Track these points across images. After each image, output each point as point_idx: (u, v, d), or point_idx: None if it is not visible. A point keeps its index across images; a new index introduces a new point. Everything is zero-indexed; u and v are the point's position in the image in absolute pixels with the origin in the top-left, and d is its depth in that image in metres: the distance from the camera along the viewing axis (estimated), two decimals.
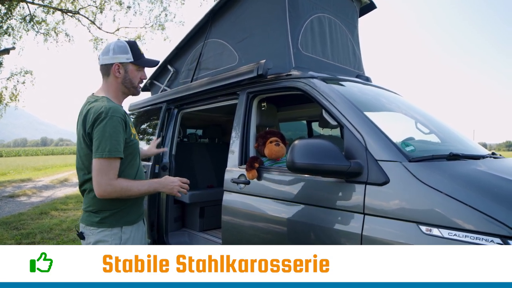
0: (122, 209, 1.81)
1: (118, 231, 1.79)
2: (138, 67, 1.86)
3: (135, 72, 1.86)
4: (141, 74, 1.91)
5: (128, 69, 1.84)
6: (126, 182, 1.74)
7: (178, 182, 1.88)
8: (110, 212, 1.79)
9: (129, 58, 1.82)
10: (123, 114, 1.76)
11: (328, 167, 1.72)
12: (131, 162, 1.86)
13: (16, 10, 12.75)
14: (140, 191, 1.77)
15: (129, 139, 1.82)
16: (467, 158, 1.90)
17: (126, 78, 1.85)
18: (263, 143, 2.56)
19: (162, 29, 15.37)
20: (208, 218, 3.97)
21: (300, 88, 2.28)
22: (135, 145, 1.88)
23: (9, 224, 6.00)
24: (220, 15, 3.38)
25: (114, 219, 1.79)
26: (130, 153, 1.85)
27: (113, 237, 1.77)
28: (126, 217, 1.82)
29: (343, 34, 3.27)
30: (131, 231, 1.84)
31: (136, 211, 1.89)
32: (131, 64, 1.83)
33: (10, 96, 14.58)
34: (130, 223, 1.84)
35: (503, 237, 1.32)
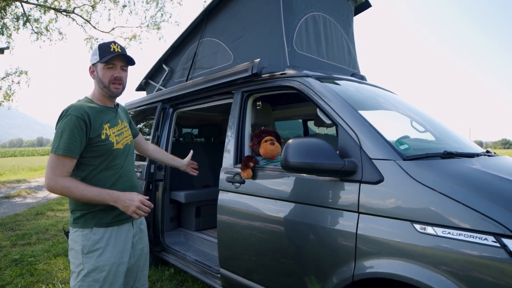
0: (95, 210, 1.79)
1: (89, 232, 1.77)
2: (105, 65, 1.81)
3: (102, 70, 1.82)
4: (113, 72, 1.82)
5: (97, 68, 1.83)
6: (71, 182, 1.69)
7: (137, 203, 1.74)
8: (81, 212, 1.79)
9: (97, 58, 1.81)
10: (82, 114, 1.72)
11: (323, 166, 1.72)
12: (104, 165, 1.81)
13: (9, 9, 12.65)
14: (84, 196, 1.70)
15: (97, 140, 1.77)
16: (461, 156, 1.91)
17: (98, 78, 1.84)
18: (258, 142, 2.55)
19: (158, 29, 15.32)
20: (204, 218, 3.97)
21: (294, 87, 2.27)
22: (106, 146, 1.81)
23: (5, 225, 5.96)
24: (215, 14, 3.37)
25: (85, 219, 1.79)
26: (100, 156, 1.80)
27: (82, 238, 1.76)
28: (98, 218, 1.79)
29: (338, 33, 3.26)
30: (104, 232, 1.79)
31: (112, 214, 1.82)
32: (99, 63, 1.82)
33: (4, 96, 14.47)
34: (103, 225, 1.80)
35: (497, 235, 1.32)
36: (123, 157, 1.90)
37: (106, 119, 1.85)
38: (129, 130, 2.06)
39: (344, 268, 1.74)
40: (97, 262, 1.75)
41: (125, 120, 2.06)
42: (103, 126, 1.81)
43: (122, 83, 1.88)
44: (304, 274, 1.96)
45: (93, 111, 1.79)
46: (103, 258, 1.77)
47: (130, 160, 1.99)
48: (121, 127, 1.96)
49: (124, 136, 1.96)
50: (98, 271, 1.75)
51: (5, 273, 3.69)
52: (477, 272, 1.34)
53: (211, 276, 2.82)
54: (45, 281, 3.49)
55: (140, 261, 2.02)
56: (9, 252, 4.41)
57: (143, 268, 2.05)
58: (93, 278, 1.74)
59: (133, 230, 1.96)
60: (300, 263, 1.98)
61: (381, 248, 1.60)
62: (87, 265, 1.74)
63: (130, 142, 2.02)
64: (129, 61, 1.88)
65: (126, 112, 2.18)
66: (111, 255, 1.79)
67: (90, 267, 1.74)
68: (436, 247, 1.44)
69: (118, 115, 1.98)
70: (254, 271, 2.31)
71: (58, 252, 4.40)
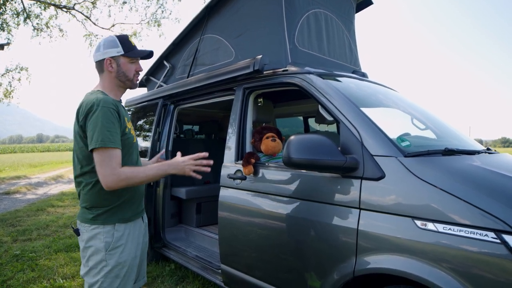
0: (116, 206, 1.78)
1: (111, 228, 1.76)
2: (130, 59, 1.83)
3: (128, 64, 1.83)
4: (136, 66, 1.87)
5: (120, 62, 1.82)
6: (130, 169, 1.70)
7: (190, 161, 1.84)
8: (104, 209, 1.77)
9: (120, 51, 1.80)
10: (115, 105, 1.73)
11: (324, 162, 1.73)
12: (125, 159, 1.79)
13: (9, 5, 12.62)
14: (148, 176, 1.74)
15: (124, 133, 1.78)
16: (462, 153, 1.91)
17: (120, 71, 1.82)
18: (259, 139, 2.56)
19: (158, 26, 15.29)
20: (205, 214, 3.98)
21: (296, 84, 2.28)
22: (129, 140, 1.82)
23: (5, 221, 5.97)
24: (217, 10, 3.37)
25: (107, 216, 1.77)
26: (123, 148, 1.78)
27: (105, 235, 1.75)
28: (119, 214, 1.79)
29: (339, 30, 3.26)
30: (124, 229, 1.80)
31: (131, 208, 1.85)
32: (122, 57, 1.81)
33: (4, 93, 14.45)
34: (124, 221, 1.80)
35: (497, 231, 1.33)
36: (136, 151, 1.93)
37: (124, 112, 1.86)
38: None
39: (345, 264, 1.75)
40: (120, 258, 1.75)
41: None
42: (125, 119, 1.83)
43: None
44: (305, 270, 1.97)
45: (117, 103, 1.79)
46: (125, 253, 1.77)
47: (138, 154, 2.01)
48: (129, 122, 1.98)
49: (133, 131, 1.97)
50: (120, 267, 1.75)
51: (6, 269, 3.70)
52: (478, 268, 1.35)
53: (212, 272, 2.83)
54: (46, 277, 3.50)
55: (144, 254, 2.04)
56: (10, 248, 4.43)
57: (143, 261, 2.06)
58: (115, 274, 1.74)
59: (143, 223, 1.99)
60: (301, 259, 2.00)
61: (382, 244, 1.61)
62: (110, 261, 1.73)
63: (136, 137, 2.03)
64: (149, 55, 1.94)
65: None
66: (131, 250, 1.81)
67: (113, 263, 1.73)
68: (436, 243, 1.45)
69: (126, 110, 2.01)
70: (255, 267, 2.32)
71: (59, 248, 4.42)
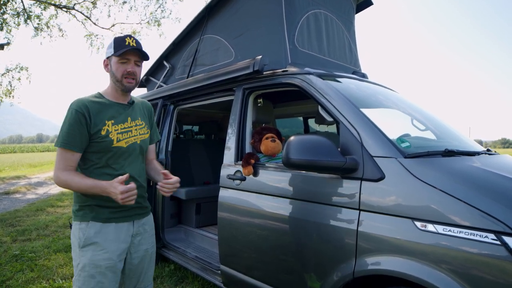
0: (93, 204, 1.77)
1: (85, 225, 1.76)
2: (119, 59, 1.77)
3: (116, 64, 1.78)
4: (126, 66, 1.78)
5: (111, 62, 1.80)
6: (69, 175, 1.69)
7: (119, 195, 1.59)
8: (79, 205, 1.79)
9: (111, 51, 1.78)
10: (81, 107, 1.71)
11: (324, 163, 1.72)
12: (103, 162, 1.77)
13: (10, 4, 12.62)
14: (80, 189, 1.70)
15: (96, 135, 1.74)
16: (462, 154, 1.91)
17: (111, 72, 1.81)
18: (259, 140, 2.56)
19: (158, 25, 15.30)
20: (204, 215, 3.98)
21: (296, 84, 2.28)
22: (105, 143, 1.75)
23: (5, 221, 5.97)
24: (216, 11, 3.36)
25: (84, 213, 1.77)
26: (99, 152, 1.77)
27: (80, 231, 1.75)
28: (94, 213, 1.77)
29: (339, 31, 3.26)
30: (100, 228, 1.76)
31: (109, 210, 1.78)
32: (113, 57, 1.79)
33: (5, 92, 14.45)
34: (100, 220, 1.77)
35: (497, 233, 1.33)
36: (124, 156, 1.83)
37: (110, 114, 1.80)
38: (145, 130, 1.96)
39: (345, 265, 1.74)
40: (93, 257, 1.72)
41: (142, 119, 1.96)
42: (106, 121, 1.77)
43: (135, 78, 1.83)
44: (305, 271, 1.97)
45: (96, 105, 1.77)
46: (99, 253, 1.73)
47: (136, 160, 1.89)
48: (130, 125, 1.87)
49: (133, 134, 1.87)
50: (93, 266, 1.71)
51: (5, 269, 3.69)
52: (478, 269, 1.35)
53: (211, 272, 2.83)
54: (46, 277, 3.49)
55: (144, 263, 1.94)
56: (9, 248, 4.42)
57: (147, 269, 1.98)
58: (89, 273, 1.71)
59: (133, 229, 1.88)
60: (300, 260, 1.99)
61: (382, 245, 1.61)
62: (83, 259, 1.73)
63: (140, 142, 1.90)
64: (144, 56, 1.84)
65: (148, 111, 2.06)
66: (107, 252, 1.74)
67: (85, 261, 1.72)
68: (436, 244, 1.45)
69: (131, 112, 1.90)
70: (255, 268, 2.32)
71: (58, 248, 4.41)
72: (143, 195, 1.95)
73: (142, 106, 2.02)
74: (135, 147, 1.88)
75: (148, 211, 2.01)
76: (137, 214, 1.90)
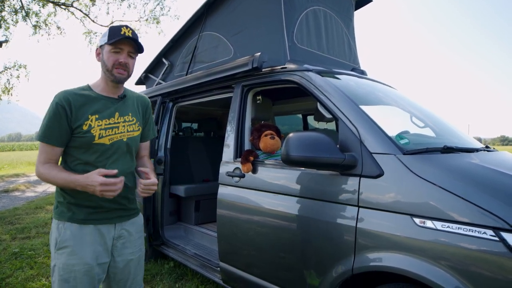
0: (71, 203, 1.67)
1: (61, 225, 1.66)
2: (112, 48, 1.65)
3: (108, 53, 1.66)
4: (118, 56, 1.66)
5: (104, 51, 1.68)
6: (47, 169, 1.61)
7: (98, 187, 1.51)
8: (57, 203, 1.72)
9: (105, 40, 1.66)
10: (62, 100, 1.60)
11: (323, 159, 1.72)
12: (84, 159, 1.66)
13: (7, 2, 12.57)
14: (57, 183, 1.61)
15: (78, 130, 1.63)
16: (461, 151, 1.91)
17: (102, 61, 1.70)
18: (258, 137, 2.56)
19: (157, 23, 15.25)
20: (204, 212, 3.98)
21: (295, 81, 2.27)
22: (86, 138, 1.64)
23: (4, 219, 5.96)
24: (215, 8, 3.35)
25: (61, 211, 1.69)
26: (79, 148, 1.66)
27: (56, 231, 1.67)
28: (71, 212, 1.67)
29: (338, 27, 3.25)
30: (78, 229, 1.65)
31: (87, 211, 1.67)
32: (106, 45, 1.66)
33: (3, 90, 14.41)
34: (76, 221, 1.66)
35: (496, 229, 1.33)
36: (108, 154, 1.69)
37: (94, 109, 1.67)
38: (135, 127, 1.82)
39: (344, 261, 1.75)
40: (67, 261, 1.62)
41: (133, 115, 1.82)
42: (88, 116, 1.65)
43: (128, 70, 1.70)
44: (304, 268, 1.97)
45: (81, 98, 1.65)
46: (74, 257, 1.62)
47: (121, 159, 1.74)
48: (118, 121, 1.73)
49: (119, 131, 1.73)
50: (67, 271, 1.62)
51: (5, 266, 3.70)
52: (476, 265, 1.35)
53: (210, 269, 2.83)
54: (45, 274, 3.50)
55: (130, 267, 1.81)
56: (8, 246, 4.42)
57: (135, 274, 1.85)
58: (63, 277, 1.63)
59: (115, 232, 1.75)
60: (299, 256, 1.99)
61: (381, 241, 1.61)
62: (58, 261, 1.64)
63: (127, 140, 1.76)
64: (138, 48, 1.71)
65: (143, 107, 1.91)
66: (84, 255, 1.63)
67: (60, 264, 1.63)
68: (435, 240, 1.45)
69: (120, 107, 1.76)
70: (254, 265, 2.32)
71: None
72: (128, 197, 1.80)
73: (136, 101, 1.88)
74: (120, 144, 1.73)
75: (134, 213, 1.87)
76: (120, 216, 1.77)
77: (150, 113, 1.97)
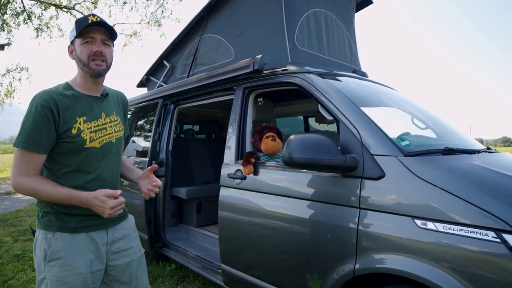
0: (55, 212, 1.52)
1: (51, 236, 1.51)
2: (82, 39, 1.50)
3: (80, 46, 1.51)
4: (91, 46, 1.50)
5: (75, 46, 1.53)
6: (36, 182, 1.44)
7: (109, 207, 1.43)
8: (43, 211, 1.55)
9: (74, 34, 1.52)
10: (48, 101, 1.44)
11: (324, 161, 1.72)
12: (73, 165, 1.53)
13: (10, 5, 12.63)
14: (52, 199, 1.45)
15: (66, 135, 1.48)
16: (462, 152, 1.91)
17: (77, 57, 1.53)
18: (259, 139, 2.56)
19: (159, 26, 15.30)
20: (205, 214, 3.98)
21: (296, 83, 2.28)
22: (76, 143, 1.50)
23: (6, 221, 5.98)
24: (216, 10, 3.37)
25: (48, 220, 1.53)
26: (68, 153, 1.51)
27: (45, 242, 1.51)
28: (60, 221, 1.52)
29: (339, 29, 3.26)
30: (69, 239, 1.52)
31: (76, 218, 1.54)
32: (76, 39, 1.52)
33: (5, 93, 14.47)
34: (66, 230, 1.52)
35: (497, 230, 1.33)
36: (98, 157, 1.58)
37: (81, 110, 1.54)
38: (120, 126, 1.71)
39: (345, 263, 1.74)
40: (60, 273, 1.49)
41: (117, 113, 1.72)
42: (77, 118, 1.51)
43: (106, 60, 1.55)
44: (305, 270, 1.97)
45: (65, 99, 1.50)
46: (67, 268, 1.49)
47: (112, 161, 1.65)
48: (105, 122, 1.62)
49: (107, 132, 1.62)
50: (60, 284, 1.49)
51: (7, 268, 3.70)
52: (478, 267, 1.35)
53: (212, 271, 2.83)
54: None
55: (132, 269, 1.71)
56: (11, 248, 4.43)
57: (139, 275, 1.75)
58: None
59: (107, 237, 1.64)
60: (301, 258, 1.99)
61: (382, 243, 1.61)
62: (48, 274, 1.49)
63: (115, 141, 1.66)
64: (111, 34, 1.56)
65: (123, 105, 1.81)
66: (77, 266, 1.51)
67: (52, 277, 1.49)
68: (437, 242, 1.45)
69: (104, 107, 1.65)
70: (255, 267, 2.32)
71: None
72: None
73: (117, 98, 1.77)
74: (110, 146, 1.63)
75: (124, 215, 1.76)
76: (111, 221, 1.65)
77: (127, 110, 1.87)
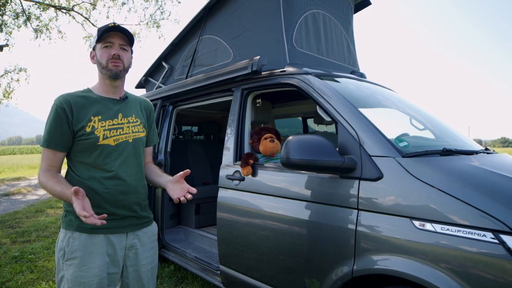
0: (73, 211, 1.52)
1: (70, 235, 1.59)
2: (102, 44, 1.64)
3: (100, 51, 1.65)
4: (110, 50, 1.64)
5: (96, 51, 1.68)
6: (46, 177, 1.56)
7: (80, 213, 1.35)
8: (65, 211, 1.64)
9: (95, 40, 1.67)
10: (62, 102, 1.58)
11: (322, 163, 1.72)
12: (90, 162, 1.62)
13: (9, 6, 12.62)
14: (54, 194, 1.53)
15: (81, 132, 1.59)
16: (460, 153, 1.91)
17: (97, 60, 1.68)
18: (257, 140, 2.56)
19: (157, 27, 15.30)
20: (204, 215, 3.98)
21: (294, 85, 2.28)
22: (90, 140, 1.60)
23: (4, 222, 5.96)
24: (215, 11, 3.37)
25: (69, 220, 1.61)
26: (84, 151, 1.62)
27: (64, 242, 1.60)
28: (79, 221, 1.55)
29: (337, 31, 3.27)
30: (86, 239, 1.58)
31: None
32: (97, 45, 1.66)
33: (4, 94, 14.45)
34: (84, 230, 1.58)
35: (495, 231, 1.33)
36: (114, 155, 1.64)
37: (97, 110, 1.64)
38: (140, 128, 1.78)
39: (344, 264, 1.74)
40: (76, 273, 1.55)
41: (137, 116, 1.79)
42: (91, 117, 1.61)
43: (123, 62, 1.66)
44: (304, 271, 1.97)
45: (81, 100, 1.63)
46: (82, 269, 1.55)
47: (129, 161, 1.69)
48: (122, 122, 1.70)
49: (124, 132, 1.68)
50: (76, 283, 1.55)
51: (5, 270, 3.69)
52: (476, 268, 1.35)
53: (210, 273, 2.83)
54: (45, 278, 3.49)
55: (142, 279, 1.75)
56: (9, 249, 4.42)
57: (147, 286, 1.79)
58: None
59: (126, 242, 1.68)
60: (299, 260, 1.99)
61: (381, 244, 1.61)
62: (66, 273, 1.57)
63: (132, 141, 1.71)
64: (129, 39, 1.68)
65: (146, 110, 1.88)
66: (93, 267, 1.56)
67: (69, 276, 1.55)
68: (435, 243, 1.45)
69: (123, 108, 1.73)
70: (254, 268, 2.32)
71: None
72: (140, 203, 1.74)
73: (139, 104, 1.85)
74: (126, 146, 1.69)
75: (147, 221, 1.80)
76: (132, 225, 1.70)
77: (153, 117, 1.94)
